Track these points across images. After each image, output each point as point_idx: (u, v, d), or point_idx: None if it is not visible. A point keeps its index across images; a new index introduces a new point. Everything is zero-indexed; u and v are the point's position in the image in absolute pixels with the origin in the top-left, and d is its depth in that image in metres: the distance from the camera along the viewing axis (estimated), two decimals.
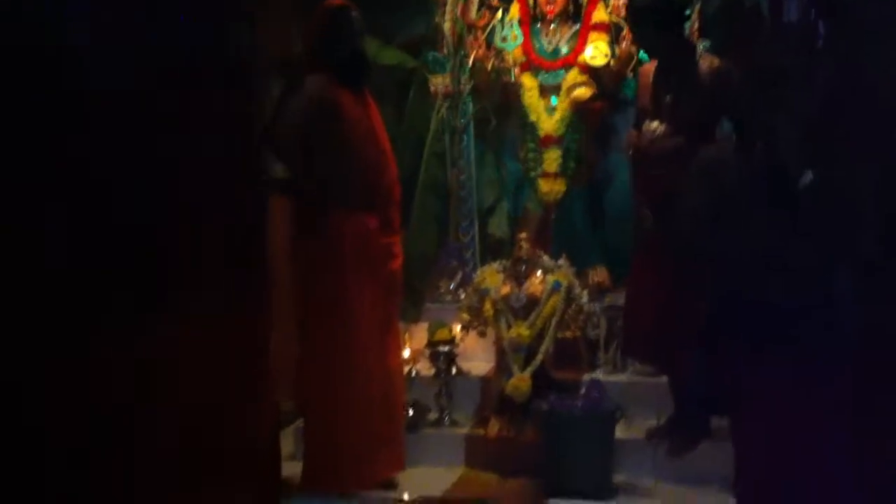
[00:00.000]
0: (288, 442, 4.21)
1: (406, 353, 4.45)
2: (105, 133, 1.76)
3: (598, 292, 4.64)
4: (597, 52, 4.74)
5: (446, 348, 4.34)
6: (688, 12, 4.31)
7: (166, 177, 1.89)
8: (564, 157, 4.80)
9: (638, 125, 3.88)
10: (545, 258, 4.36)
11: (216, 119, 2.10)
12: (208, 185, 2.01)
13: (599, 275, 4.78)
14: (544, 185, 4.81)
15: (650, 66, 3.89)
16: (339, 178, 3.53)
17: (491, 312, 4.27)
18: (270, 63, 3.84)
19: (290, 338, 3.77)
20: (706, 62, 3.77)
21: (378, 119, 3.76)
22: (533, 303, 4.24)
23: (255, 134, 2.60)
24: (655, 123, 3.69)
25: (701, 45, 4.39)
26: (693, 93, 3.67)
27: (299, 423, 4.25)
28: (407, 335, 4.55)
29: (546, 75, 4.85)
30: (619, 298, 4.61)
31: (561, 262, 4.34)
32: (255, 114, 2.62)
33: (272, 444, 2.37)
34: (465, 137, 5.06)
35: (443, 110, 5.01)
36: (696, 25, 4.59)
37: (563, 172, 4.79)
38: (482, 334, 4.38)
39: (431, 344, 4.37)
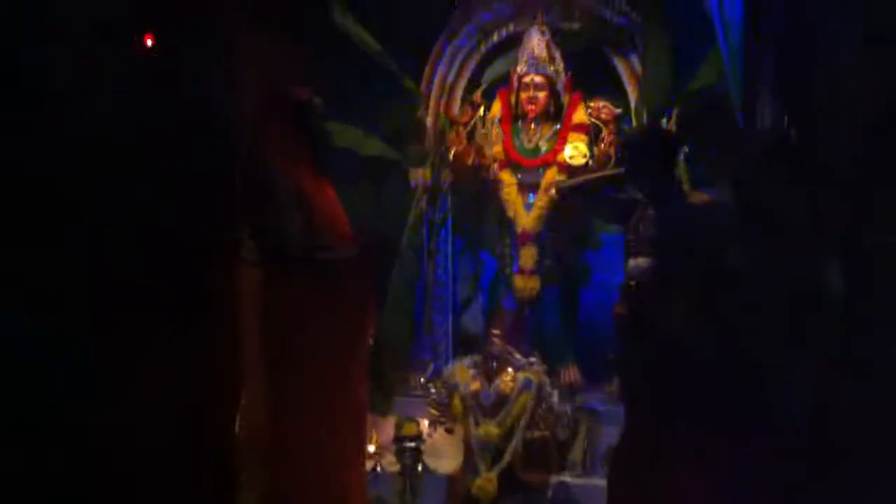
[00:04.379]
0: None
1: (371, 448, 4.35)
2: (87, 188, 1.76)
3: (569, 392, 4.57)
4: (576, 151, 4.79)
5: (413, 444, 4.24)
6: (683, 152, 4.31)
7: (140, 233, 1.89)
8: (541, 254, 4.79)
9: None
10: (517, 356, 4.31)
11: (195, 182, 2.10)
12: (181, 250, 2.01)
13: (572, 374, 4.71)
14: (519, 282, 4.79)
15: None
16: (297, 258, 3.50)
17: (459, 409, 4.21)
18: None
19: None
20: (696, 199, 3.70)
21: (339, 207, 3.74)
22: (503, 401, 4.17)
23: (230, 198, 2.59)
24: (641, 259, 3.61)
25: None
26: (679, 231, 3.55)
27: None
28: (373, 429, 4.46)
29: (525, 173, 4.88)
30: (591, 399, 4.57)
31: (532, 359, 4.29)
32: (232, 180, 2.62)
33: None
34: (442, 231, 5.08)
35: (421, 203, 5.02)
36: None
37: (538, 270, 4.78)
38: (450, 431, 4.29)
39: (398, 439, 4.28)
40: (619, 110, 4.90)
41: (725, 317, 3.44)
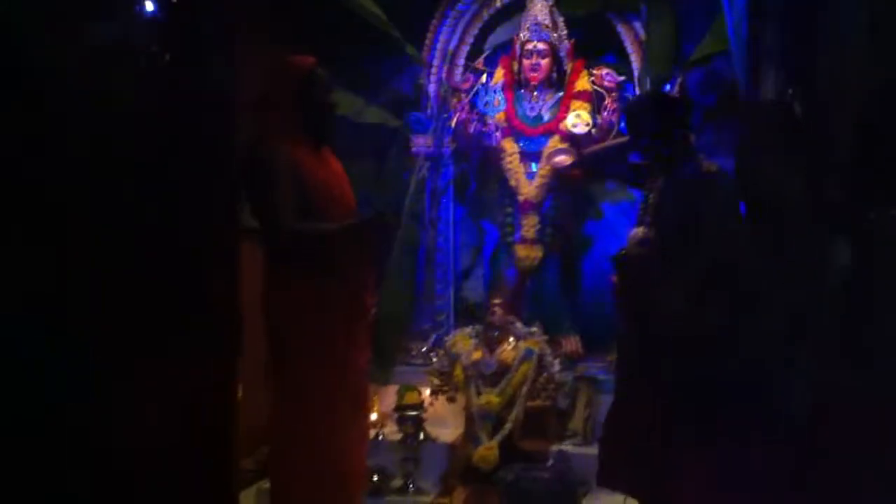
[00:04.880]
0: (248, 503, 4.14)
1: (373, 417, 4.39)
2: (83, 178, 1.76)
3: (570, 361, 4.59)
4: (578, 120, 4.76)
5: (414, 413, 4.28)
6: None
7: (141, 222, 1.88)
8: (542, 223, 4.78)
9: None
10: (518, 325, 4.33)
11: (193, 169, 2.09)
12: (182, 230, 2.01)
13: (572, 343, 4.73)
14: (521, 251, 4.79)
15: None
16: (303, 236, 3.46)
17: (461, 378, 4.24)
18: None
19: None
20: (705, 168, 3.54)
21: (343, 177, 3.71)
22: (504, 370, 4.21)
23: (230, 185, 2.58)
24: (641, 230, 3.50)
25: None
26: (680, 200, 3.38)
27: (261, 484, 4.18)
28: (375, 398, 4.50)
29: (527, 141, 4.85)
30: (592, 368, 4.59)
31: (534, 329, 4.31)
32: (231, 165, 2.61)
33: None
34: (444, 200, 5.06)
35: (423, 171, 5.01)
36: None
37: (540, 239, 4.78)
38: (451, 400, 4.33)
39: (399, 408, 4.31)
40: (622, 78, 4.86)
41: (715, 288, 3.42)
